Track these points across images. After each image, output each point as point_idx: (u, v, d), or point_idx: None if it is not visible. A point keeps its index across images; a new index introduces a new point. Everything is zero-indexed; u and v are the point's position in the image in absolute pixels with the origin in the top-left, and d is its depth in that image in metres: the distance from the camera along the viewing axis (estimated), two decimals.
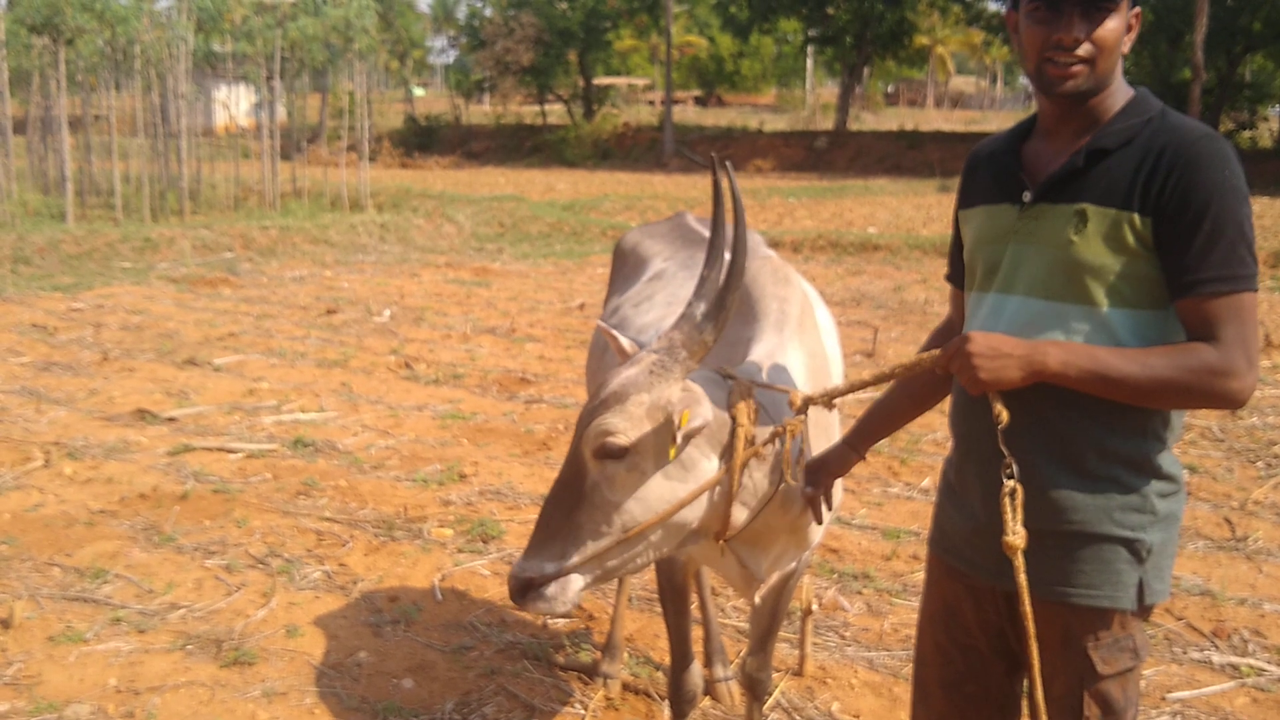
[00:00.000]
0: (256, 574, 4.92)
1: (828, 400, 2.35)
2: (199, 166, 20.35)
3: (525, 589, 2.20)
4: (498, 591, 4.78)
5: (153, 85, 19.20)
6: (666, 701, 3.89)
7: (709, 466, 2.27)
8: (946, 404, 2.42)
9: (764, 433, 2.33)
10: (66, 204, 16.58)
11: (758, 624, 3.21)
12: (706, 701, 3.89)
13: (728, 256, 2.27)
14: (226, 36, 21.11)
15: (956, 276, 2.38)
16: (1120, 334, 2.02)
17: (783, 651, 4.15)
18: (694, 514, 2.28)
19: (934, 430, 7.04)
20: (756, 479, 2.36)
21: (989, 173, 2.24)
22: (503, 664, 4.15)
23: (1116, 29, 2.02)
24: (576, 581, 2.20)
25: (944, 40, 51.30)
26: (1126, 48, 2.07)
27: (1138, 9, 2.08)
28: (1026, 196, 2.11)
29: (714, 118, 49.91)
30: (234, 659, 4.12)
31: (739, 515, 2.36)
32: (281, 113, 23.54)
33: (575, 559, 2.18)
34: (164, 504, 5.72)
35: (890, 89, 68.27)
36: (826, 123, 43.39)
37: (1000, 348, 1.99)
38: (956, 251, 2.36)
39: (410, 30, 45.43)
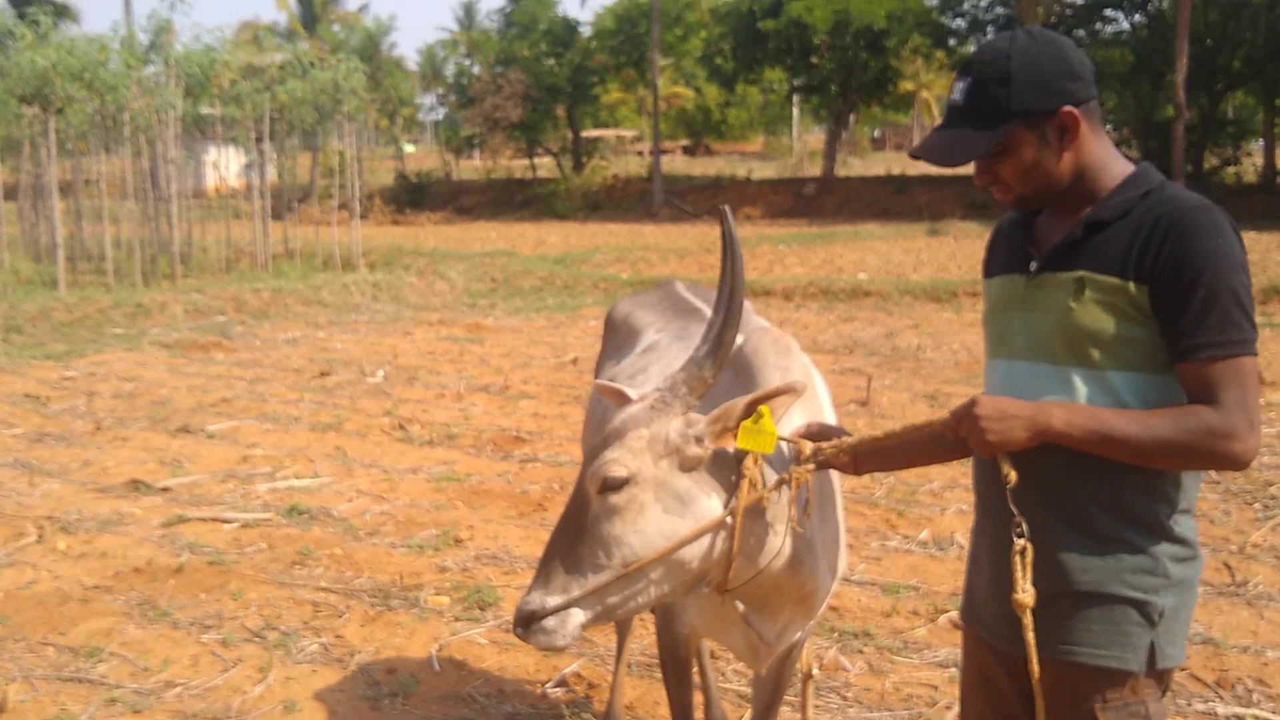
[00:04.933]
0: (253, 648, 4.87)
1: (837, 454, 2.36)
2: (190, 229, 20.43)
3: (528, 621, 2.22)
4: (495, 661, 4.75)
5: (142, 150, 19.31)
6: None
7: (710, 505, 2.27)
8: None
9: (770, 479, 2.36)
10: (58, 271, 16.62)
11: (761, 695, 3.19)
12: None
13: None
14: (215, 100, 21.28)
15: None
16: (1124, 396, 2.06)
17: (784, 716, 4.11)
18: (695, 554, 2.27)
19: (930, 481, 7.03)
20: (760, 528, 2.36)
21: (1005, 245, 2.33)
22: None
23: (1016, 162, 2.12)
24: (577, 616, 2.21)
25: (928, 85, 51.72)
26: (1059, 156, 2.12)
27: (1067, 109, 2.09)
28: (1033, 266, 2.19)
29: (702, 167, 50.25)
30: None
31: (742, 565, 2.36)
32: (272, 173, 23.66)
33: (576, 593, 2.20)
34: (159, 577, 5.68)
35: (876, 134, 68.82)
36: (814, 169, 43.75)
37: (1006, 409, 2.05)
38: None
39: (399, 89, 45.80)
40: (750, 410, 2.27)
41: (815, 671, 4.25)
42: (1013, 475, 2.08)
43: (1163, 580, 2.09)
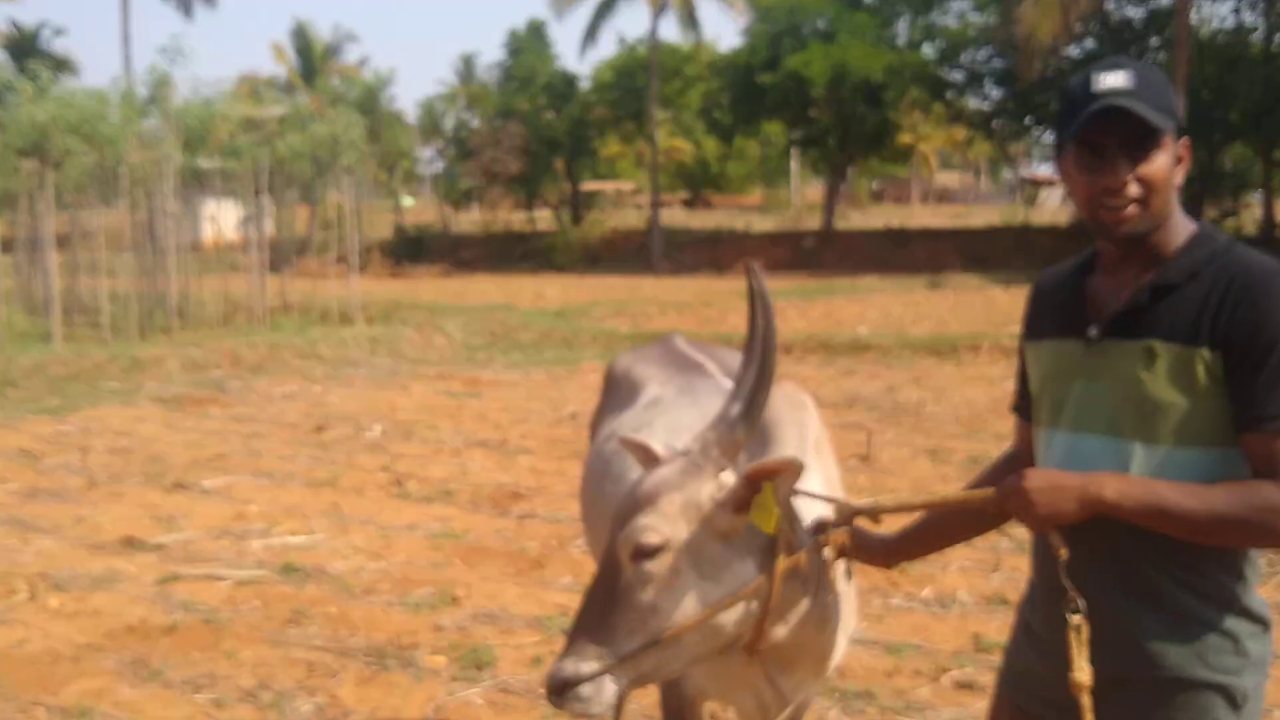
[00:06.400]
0: (246, 708, 4.80)
1: (874, 514, 2.32)
2: (187, 283, 20.45)
3: (562, 689, 2.15)
4: None
5: (140, 203, 19.38)
6: None
7: (745, 570, 2.23)
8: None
9: (804, 541, 2.34)
10: (53, 325, 16.59)
11: None
12: None
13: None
14: (214, 153, 21.41)
15: (1023, 408, 2.35)
16: (1188, 471, 1.98)
17: None
18: (730, 619, 2.24)
19: None
20: (794, 590, 2.33)
21: (1053, 306, 2.23)
22: None
23: (1164, 165, 2.01)
24: (612, 683, 2.15)
25: (926, 137, 52.21)
26: (1180, 179, 2.05)
27: (1186, 139, 2.06)
28: (1093, 333, 2.09)
29: (701, 220, 50.54)
30: None
31: (775, 627, 2.34)
32: (270, 226, 23.75)
33: (611, 660, 2.14)
34: (152, 636, 5.61)
35: (875, 186, 69.35)
36: (813, 222, 43.93)
37: (1056, 481, 1.99)
38: (1023, 382, 2.34)
39: (398, 141, 46.13)
40: (753, 484, 2.23)
41: None
42: (1063, 551, 2.01)
43: (1243, 660, 2.02)
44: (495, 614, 5.90)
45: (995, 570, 6.39)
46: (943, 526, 2.44)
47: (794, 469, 2.22)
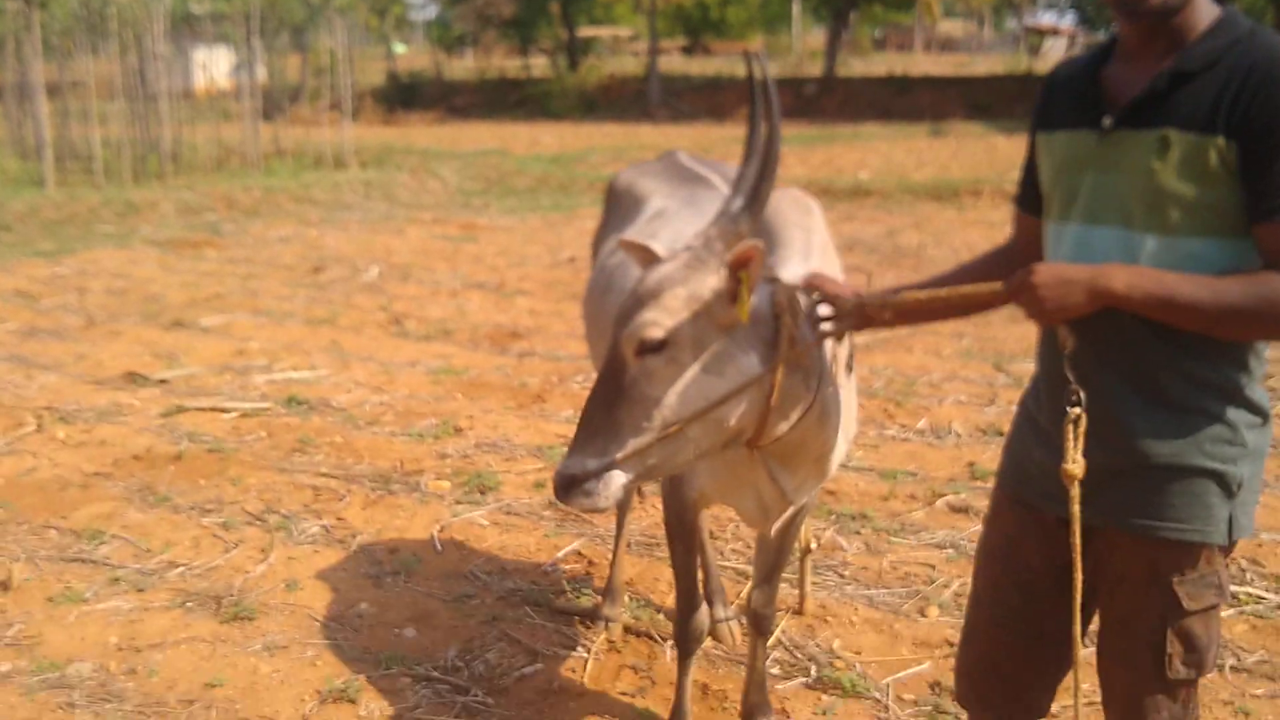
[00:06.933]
0: (254, 530, 4.90)
1: (878, 310, 2.30)
2: (180, 129, 20.09)
3: (569, 485, 2.17)
4: (497, 541, 4.78)
5: (129, 47, 18.90)
6: (668, 643, 3.90)
7: (749, 363, 2.24)
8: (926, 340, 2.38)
9: (806, 334, 2.34)
10: (45, 169, 16.37)
11: (765, 558, 3.21)
12: (708, 642, 3.89)
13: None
14: None
15: (1025, 200, 2.31)
16: (1199, 263, 1.94)
17: (782, 591, 4.14)
18: (734, 412, 2.25)
19: (929, 372, 7.03)
20: (797, 384, 2.35)
21: (1067, 96, 2.15)
22: (504, 611, 4.15)
23: None
24: (619, 477, 2.18)
25: None
26: None
27: None
28: (1106, 122, 2.02)
29: (700, 67, 49.37)
30: (234, 614, 4.11)
31: (777, 421, 2.35)
32: (262, 73, 23.23)
33: (617, 455, 2.16)
34: (158, 464, 5.69)
35: (878, 34, 67.67)
36: (815, 69, 42.96)
37: (1064, 274, 1.95)
38: (1028, 174, 2.29)
39: None
40: (734, 275, 2.22)
41: (814, 546, 4.28)
42: (1069, 342, 2.00)
43: (1240, 449, 2.02)
44: (498, 443, 5.99)
45: (991, 404, 6.47)
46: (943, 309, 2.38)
47: (759, 252, 2.19)
